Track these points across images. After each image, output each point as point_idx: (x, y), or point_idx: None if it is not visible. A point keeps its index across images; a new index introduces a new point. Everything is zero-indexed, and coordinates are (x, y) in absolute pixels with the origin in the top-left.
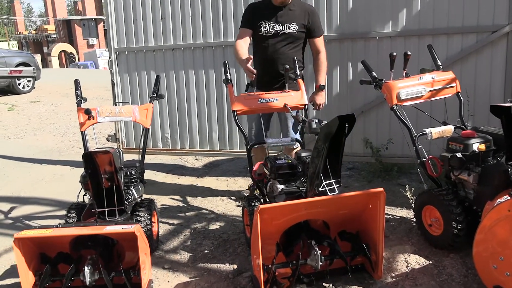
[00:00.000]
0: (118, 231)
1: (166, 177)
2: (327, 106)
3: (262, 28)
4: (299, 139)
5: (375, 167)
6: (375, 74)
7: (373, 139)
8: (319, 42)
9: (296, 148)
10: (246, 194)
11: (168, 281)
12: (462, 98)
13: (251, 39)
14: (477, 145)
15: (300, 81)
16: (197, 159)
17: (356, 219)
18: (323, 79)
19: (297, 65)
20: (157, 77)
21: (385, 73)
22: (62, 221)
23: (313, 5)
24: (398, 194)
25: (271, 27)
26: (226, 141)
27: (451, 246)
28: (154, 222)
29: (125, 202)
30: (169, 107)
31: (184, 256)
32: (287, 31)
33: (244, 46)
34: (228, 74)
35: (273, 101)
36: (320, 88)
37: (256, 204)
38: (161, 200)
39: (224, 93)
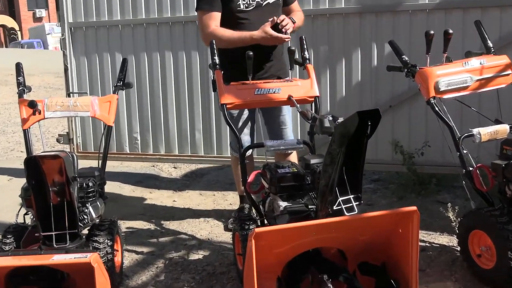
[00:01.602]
0: (69, 261)
1: (134, 191)
2: (345, 100)
3: (240, 2)
4: (306, 141)
5: (407, 178)
6: (406, 58)
7: (404, 142)
8: (296, 6)
9: (293, 152)
10: (231, 226)
11: None
12: None
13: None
14: None
15: (310, 66)
16: (175, 167)
17: (382, 247)
18: (295, 18)
19: (305, 45)
20: (124, 61)
21: (419, 57)
22: None
23: None
24: (437, 215)
25: None
26: (213, 143)
27: (507, 283)
28: (117, 250)
29: (79, 223)
30: (139, 99)
31: None
32: (271, 1)
33: (225, 28)
34: (216, 57)
35: (274, 92)
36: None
37: (250, 227)
38: (127, 222)
39: (210, 81)
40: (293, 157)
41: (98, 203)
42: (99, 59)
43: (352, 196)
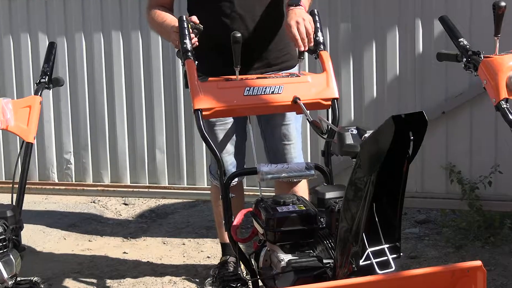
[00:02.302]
0: None
1: (65, 238)
2: (376, 104)
3: None
4: (320, 165)
5: (467, 219)
6: (465, 42)
7: (463, 166)
8: None
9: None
10: None
11: None
12: None
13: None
14: None
15: (325, 54)
16: (125, 204)
17: None
18: None
19: (318, 23)
20: (51, 46)
21: (484, 40)
22: None
23: None
24: None
25: None
26: (182, 169)
27: None
28: None
29: None
30: (73, 104)
31: None
32: None
33: (163, 12)
34: (187, 41)
35: (272, 91)
36: (289, 5)
37: None
38: (55, 283)
39: (179, 77)
40: (301, 188)
41: (11, 256)
42: (14, 42)
43: (387, 246)
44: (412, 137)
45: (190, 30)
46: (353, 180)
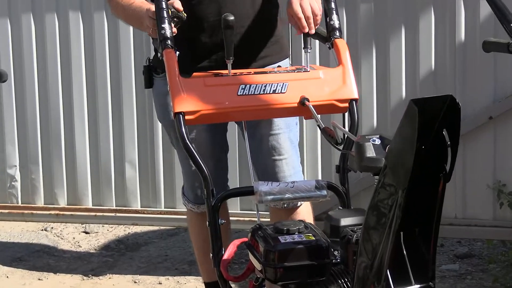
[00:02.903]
0: None
1: (8, 277)
2: (403, 105)
3: None
4: (334, 183)
5: None
6: None
7: None
8: None
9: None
10: None
11: None
12: None
13: None
14: None
15: (341, 42)
16: (86, 232)
17: None
18: None
19: (333, 4)
20: None
21: None
22: None
23: None
24: None
25: None
26: (158, 188)
27: None
28: None
29: None
30: (19, 105)
31: None
32: None
33: None
34: (166, 26)
35: (274, 90)
36: None
37: None
38: None
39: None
40: (303, 215)
41: None
42: None
43: (419, 286)
44: (448, 141)
45: (170, 14)
46: (375, 203)
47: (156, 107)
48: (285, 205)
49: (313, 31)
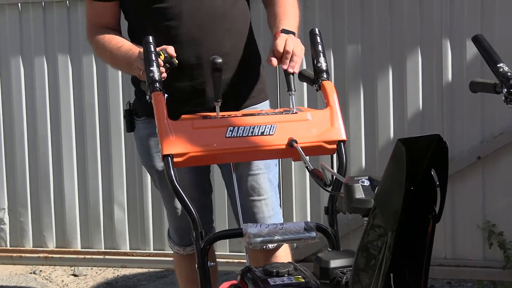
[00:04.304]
0: None
1: None
2: (392, 146)
3: None
4: (322, 225)
5: None
6: (506, 69)
7: (506, 225)
8: None
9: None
10: None
11: None
12: None
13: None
14: None
15: (329, 84)
16: (75, 275)
17: None
18: (290, 24)
19: (320, 46)
20: None
21: None
22: None
23: None
24: None
25: None
26: (147, 230)
27: None
28: None
29: None
30: (7, 147)
31: None
32: None
33: (116, 36)
34: (154, 69)
35: (262, 132)
36: (283, 32)
37: None
38: None
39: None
40: (283, 256)
41: None
42: None
43: None
44: (437, 181)
45: (159, 57)
46: (364, 245)
47: (138, 151)
48: (264, 247)
49: (285, 67)
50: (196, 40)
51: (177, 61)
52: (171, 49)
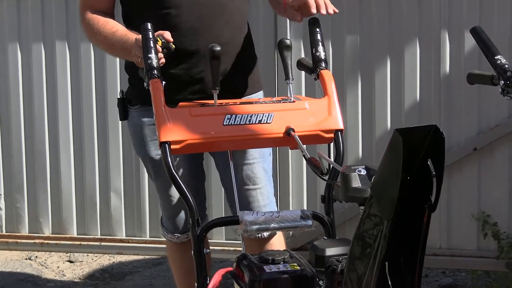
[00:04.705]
0: None
1: None
2: (389, 136)
3: None
4: (319, 213)
5: (506, 283)
6: (503, 61)
7: (501, 215)
8: None
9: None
10: None
11: None
12: None
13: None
14: None
15: (327, 74)
16: (70, 261)
17: None
18: None
19: (319, 35)
20: None
21: None
22: None
23: None
24: None
25: None
26: (143, 217)
27: None
28: None
29: None
30: (4, 132)
31: None
32: None
33: (110, 20)
34: (153, 56)
35: (259, 121)
36: None
37: None
38: None
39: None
40: (277, 244)
41: None
42: None
43: None
44: (433, 171)
45: (157, 43)
46: (360, 233)
47: (132, 139)
48: (258, 235)
49: (324, 11)
50: (195, 29)
51: (174, 46)
52: (167, 34)
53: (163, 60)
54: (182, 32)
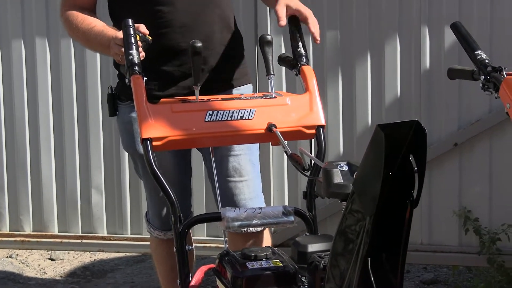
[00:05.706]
0: None
1: None
2: (370, 131)
3: None
4: (301, 209)
5: (488, 278)
6: (483, 56)
7: (481, 211)
8: None
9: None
10: None
11: None
12: None
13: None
14: None
15: (308, 69)
16: (51, 259)
17: None
18: None
19: (297, 33)
20: None
21: (508, 53)
22: None
23: None
24: None
25: None
26: (125, 214)
27: None
28: None
29: None
30: None
31: None
32: None
33: (89, 16)
34: (134, 52)
35: (241, 117)
36: None
37: None
38: None
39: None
40: (264, 239)
41: None
42: None
43: None
44: (415, 167)
45: (138, 38)
46: (342, 229)
47: (122, 135)
48: (244, 230)
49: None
50: (187, 26)
51: (150, 38)
52: (143, 28)
53: (143, 53)
54: (175, 29)
